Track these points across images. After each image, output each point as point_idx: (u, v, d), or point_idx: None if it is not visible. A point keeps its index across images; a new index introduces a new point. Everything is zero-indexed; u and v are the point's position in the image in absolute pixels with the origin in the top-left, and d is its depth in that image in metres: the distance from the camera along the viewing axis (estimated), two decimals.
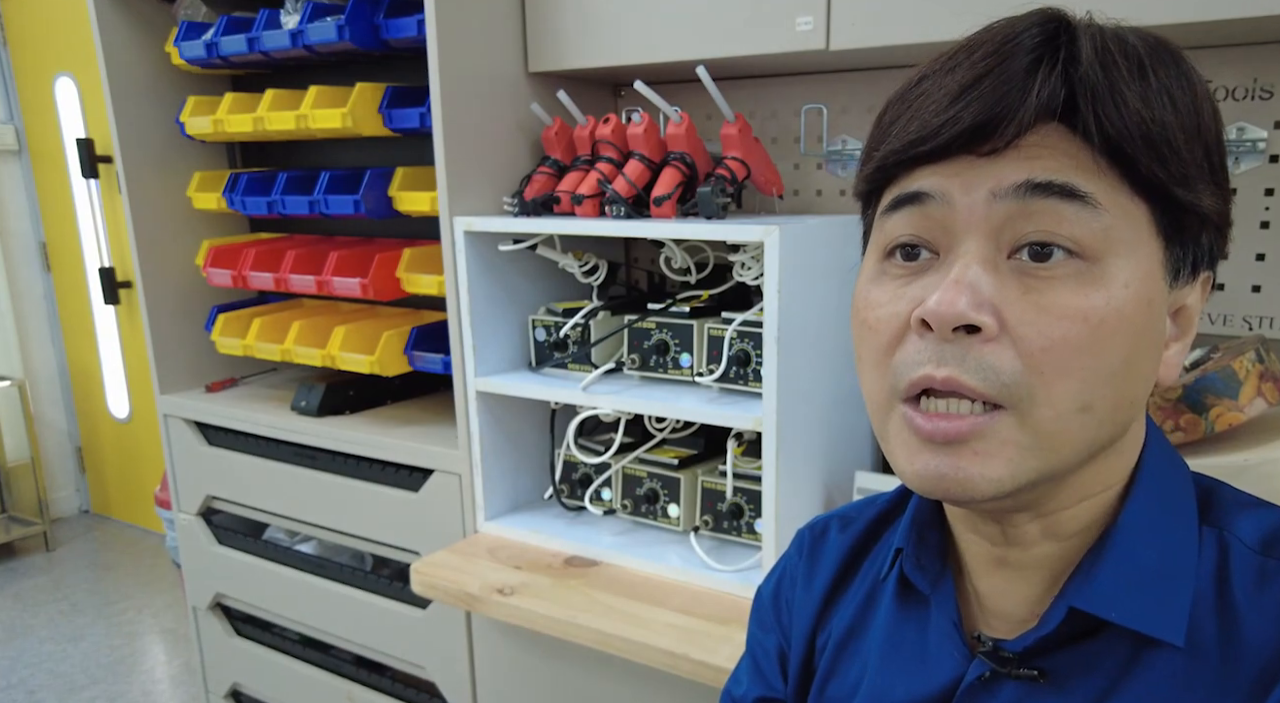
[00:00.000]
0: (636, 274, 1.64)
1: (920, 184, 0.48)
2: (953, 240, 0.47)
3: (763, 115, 1.49)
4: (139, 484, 3.65)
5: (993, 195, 0.46)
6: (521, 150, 1.45)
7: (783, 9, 1.19)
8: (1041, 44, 0.46)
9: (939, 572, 0.59)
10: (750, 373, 1.20)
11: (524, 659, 1.41)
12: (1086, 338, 0.45)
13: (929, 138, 0.46)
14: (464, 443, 1.43)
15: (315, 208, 1.54)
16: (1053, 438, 0.46)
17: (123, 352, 3.55)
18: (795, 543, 0.74)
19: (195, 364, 1.87)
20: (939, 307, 0.45)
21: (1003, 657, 0.54)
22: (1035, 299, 0.45)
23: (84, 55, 3.23)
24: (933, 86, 0.48)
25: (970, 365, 0.46)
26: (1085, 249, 0.45)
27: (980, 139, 0.45)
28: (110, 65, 1.67)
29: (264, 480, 1.72)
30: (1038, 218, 0.45)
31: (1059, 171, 0.45)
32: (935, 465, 0.47)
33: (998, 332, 0.45)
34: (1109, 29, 0.48)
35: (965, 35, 0.50)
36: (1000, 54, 0.46)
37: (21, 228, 3.62)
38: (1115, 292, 0.45)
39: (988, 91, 0.45)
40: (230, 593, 1.88)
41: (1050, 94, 0.45)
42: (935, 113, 0.46)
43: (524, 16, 1.41)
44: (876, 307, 0.50)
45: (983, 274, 0.46)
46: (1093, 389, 0.46)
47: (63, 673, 2.63)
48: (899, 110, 0.49)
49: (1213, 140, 0.48)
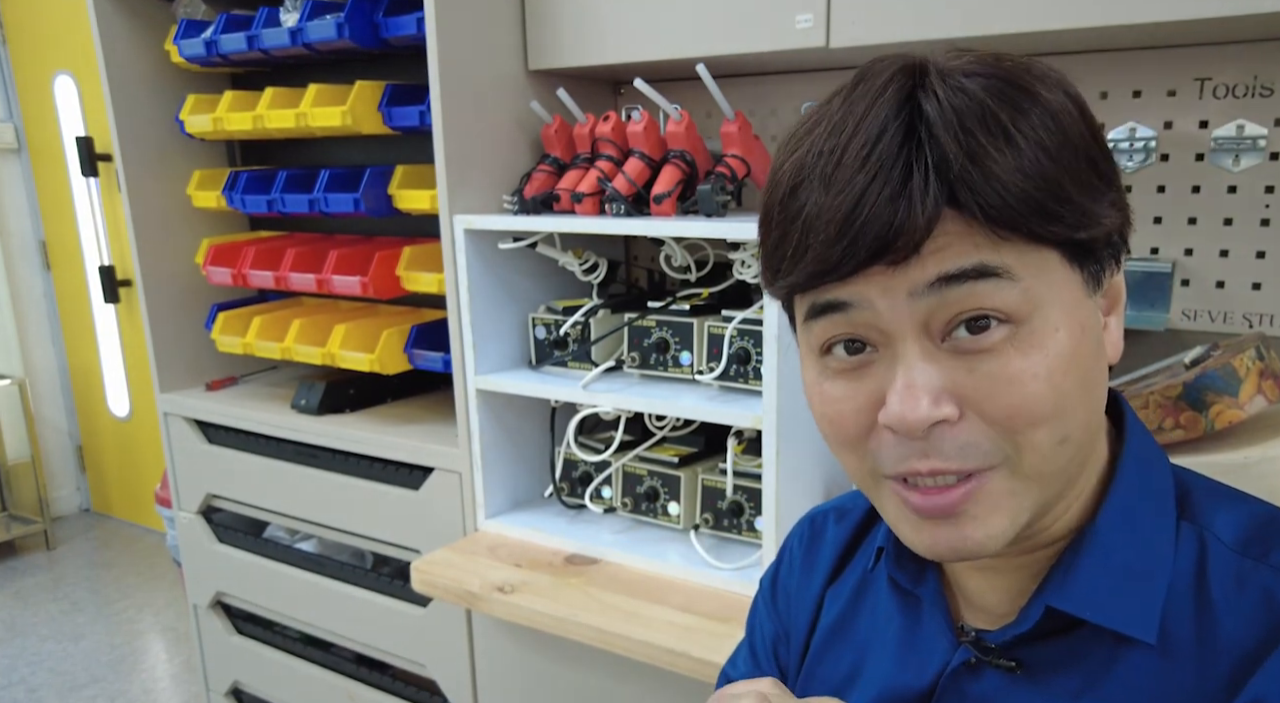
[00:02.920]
0: (636, 272, 1.64)
1: (836, 294, 0.48)
2: (886, 336, 0.48)
3: (763, 113, 1.48)
4: (139, 483, 3.65)
5: (911, 295, 0.46)
6: (521, 148, 1.44)
7: (783, 7, 1.18)
8: (905, 139, 0.45)
9: (920, 569, 0.61)
10: (750, 371, 1.20)
11: (524, 657, 1.42)
12: (1044, 390, 0.47)
13: (831, 270, 0.47)
14: (464, 441, 1.43)
15: (315, 206, 1.54)
16: (1040, 476, 0.49)
17: (123, 350, 3.55)
18: (796, 532, 0.75)
19: (195, 362, 1.86)
20: (903, 415, 0.47)
21: (985, 647, 0.56)
22: (984, 373, 0.47)
23: (83, 53, 3.23)
24: (813, 201, 0.47)
25: (949, 451, 0.48)
26: (1013, 314, 0.46)
27: (883, 258, 0.46)
28: (110, 63, 1.67)
29: (264, 479, 1.72)
30: (960, 301, 0.46)
31: (967, 256, 0.46)
32: (944, 539, 0.50)
33: (959, 415, 0.47)
34: (963, 85, 0.46)
35: (827, 109, 0.49)
36: (869, 165, 0.45)
37: (21, 226, 3.62)
38: (1051, 341, 0.47)
39: (873, 217, 0.45)
40: (231, 591, 1.88)
41: (934, 201, 0.45)
42: (827, 244, 0.46)
43: (523, 14, 1.40)
44: (835, 402, 0.51)
45: (927, 369, 0.47)
46: (1065, 424, 0.48)
47: (63, 671, 2.63)
48: (783, 229, 0.49)
49: (1094, 150, 0.48)
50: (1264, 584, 0.49)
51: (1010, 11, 1.06)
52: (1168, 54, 1.18)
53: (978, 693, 0.56)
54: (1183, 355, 1.06)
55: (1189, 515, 0.53)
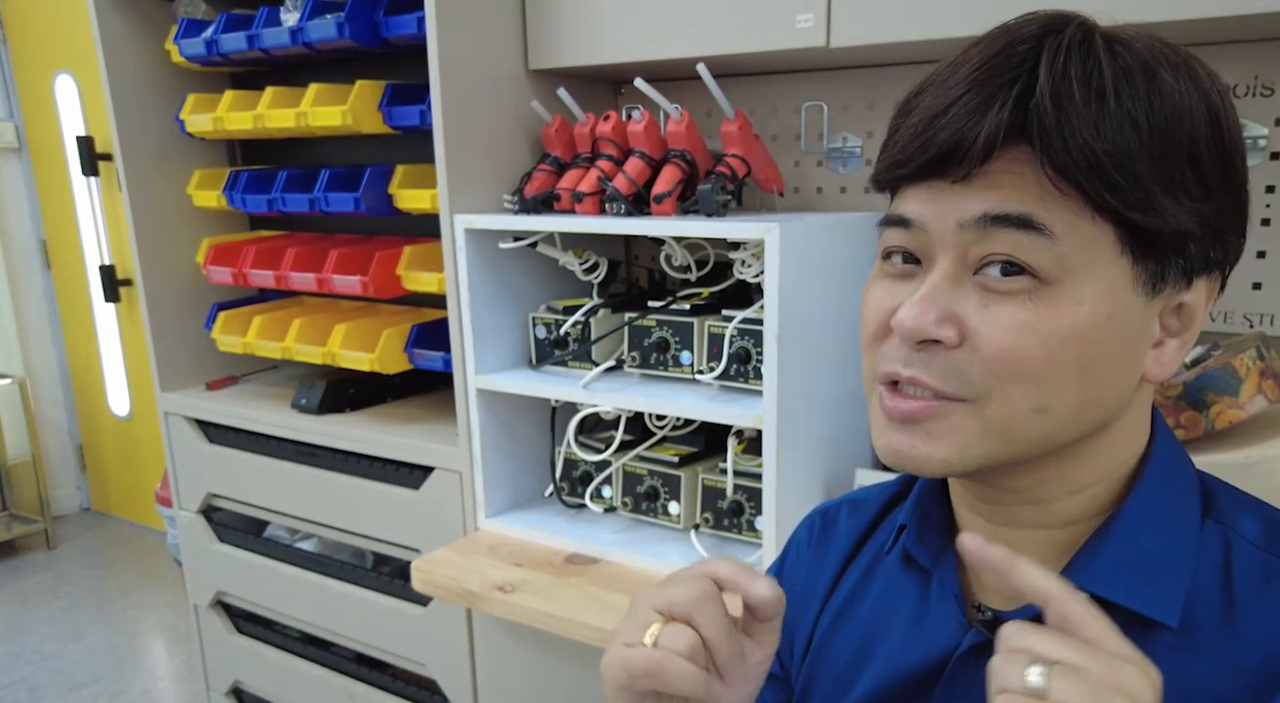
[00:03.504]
0: (637, 272, 1.64)
1: (904, 208, 0.52)
2: (930, 255, 0.52)
3: (763, 112, 1.48)
4: (140, 482, 3.66)
5: (959, 225, 0.49)
6: (522, 148, 1.44)
7: (783, 6, 1.18)
8: (1013, 68, 0.48)
9: (940, 547, 0.62)
10: (751, 370, 1.20)
11: (525, 657, 1.42)
12: (1038, 349, 0.48)
13: (904, 162, 0.51)
14: (464, 441, 1.43)
15: (315, 206, 1.54)
16: (1004, 431, 0.50)
17: (123, 349, 3.55)
18: (805, 526, 0.76)
19: (196, 362, 1.87)
20: (903, 320, 0.50)
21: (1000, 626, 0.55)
22: (992, 312, 0.49)
23: (84, 53, 3.23)
24: (922, 104, 0.50)
25: (934, 369, 0.51)
26: (1041, 272, 0.48)
27: (946, 167, 0.49)
28: (110, 63, 1.67)
29: (265, 478, 1.72)
30: (998, 243, 0.48)
31: (1018, 201, 0.48)
32: (895, 442, 0.53)
33: (959, 341, 0.50)
34: (1092, 45, 0.48)
35: (987, 30, 0.52)
36: (971, 81, 0.48)
37: (22, 226, 3.62)
38: (1066, 308, 0.48)
39: (951, 121, 0.48)
40: (231, 591, 1.88)
41: (1001, 127, 0.47)
42: (911, 137, 0.50)
43: (524, 14, 1.40)
44: (870, 302, 0.55)
45: (947, 289, 0.50)
46: (1048, 394, 0.49)
47: (64, 671, 2.63)
48: (899, 120, 0.53)
49: (1206, 157, 0.49)
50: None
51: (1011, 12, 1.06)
52: None
53: None
54: None
55: (1214, 514, 0.55)
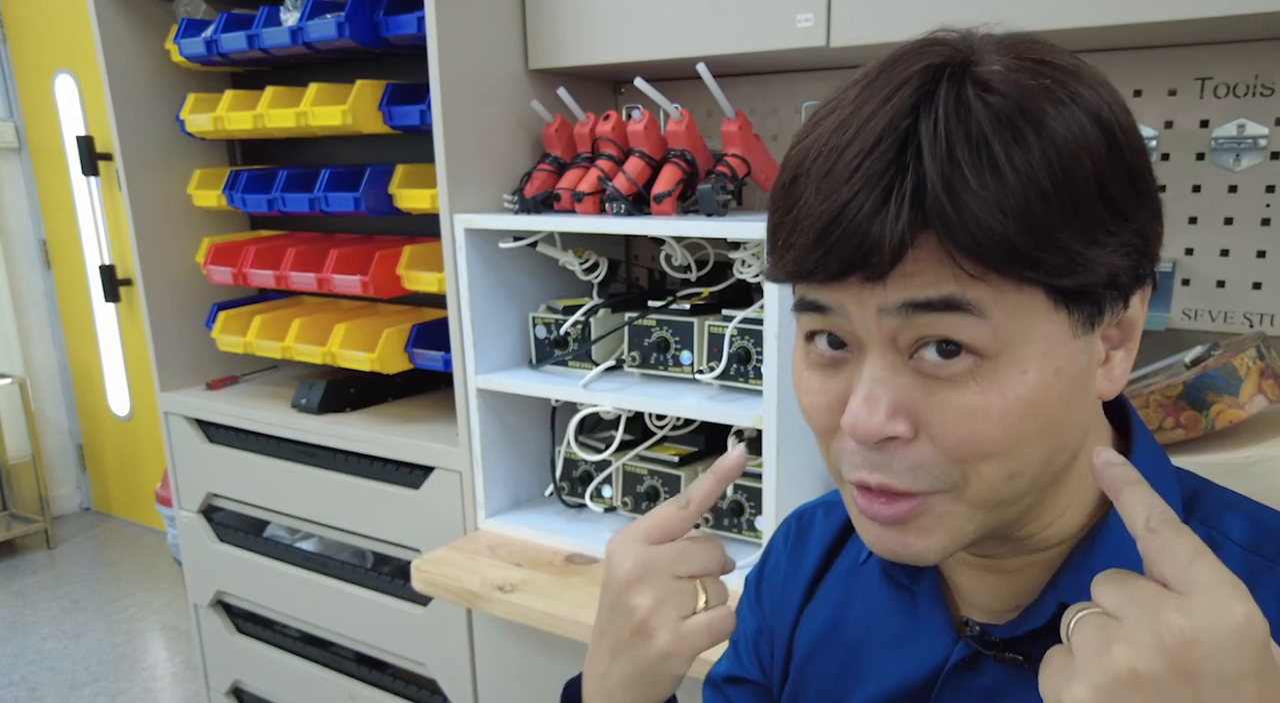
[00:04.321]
0: (637, 271, 1.64)
1: (817, 296, 0.49)
2: (856, 339, 0.49)
3: (763, 112, 1.48)
4: (140, 482, 3.66)
5: (880, 311, 0.46)
6: (522, 147, 1.44)
7: (783, 6, 1.18)
8: (895, 158, 0.44)
9: None
10: (751, 370, 1.20)
11: (525, 656, 1.42)
12: (995, 430, 0.46)
13: (805, 274, 0.48)
14: (464, 440, 1.43)
15: (315, 205, 1.54)
16: (988, 504, 0.49)
17: (123, 349, 3.55)
18: (782, 530, 0.75)
19: (196, 362, 1.87)
20: (855, 424, 0.48)
21: (989, 641, 0.56)
22: (941, 400, 0.47)
23: (84, 52, 3.23)
24: (806, 201, 0.47)
25: (898, 470, 0.49)
26: (979, 349, 0.46)
27: (851, 275, 0.46)
28: (110, 62, 1.67)
29: (265, 478, 1.72)
30: (926, 327, 0.46)
31: (938, 286, 0.45)
32: (886, 541, 0.51)
33: (913, 434, 0.48)
34: (969, 106, 0.44)
35: (852, 88, 0.49)
36: (856, 181, 0.45)
37: (22, 225, 3.62)
38: (1014, 380, 0.46)
39: (850, 231, 0.45)
40: (231, 590, 1.88)
41: (904, 229, 0.44)
42: (806, 249, 0.47)
43: (524, 13, 1.40)
44: (810, 394, 0.53)
45: (889, 380, 0.48)
46: (1015, 462, 0.48)
47: (64, 670, 2.63)
48: (781, 213, 0.49)
49: (1115, 186, 0.45)
50: (1278, 585, 0.50)
51: (1011, 12, 1.06)
52: (1168, 54, 1.18)
53: (981, 687, 0.56)
54: (1183, 355, 1.06)
55: (1199, 517, 0.54)
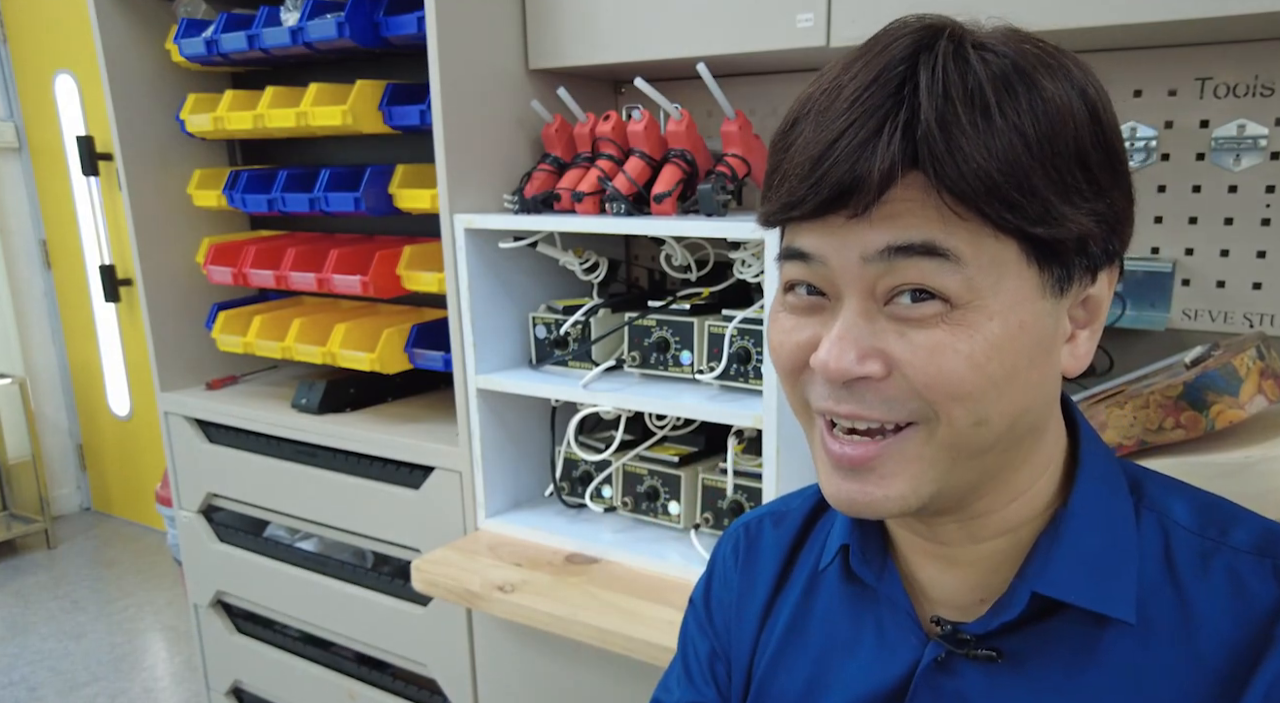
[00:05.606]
0: (637, 272, 1.64)
1: (802, 243, 0.51)
2: (835, 288, 0.51)
3: (763, 112, 1.48)
4: (140, 482, 3.66)
5: (862, 259, 0.48)
6: (522, 147, 1.45)
7: (783, 6, 1.19)
8: (893, 93, 0.47)
9: (882, 564, 0.61)
10: (751, 370, 1.20)
11: (525, 656, 1.42)
12: (964, 368, 0.48)
13: (796, 204, 0.49)
14: (465, 440, 1.43)
15: (316, 205, 1.54)
16: (954, 449, 0.50)
17: (123, 349, 3.55)
18: (729, 543, 0.73)
19: (196, 362, 1.87)
20: (826, 363, 0.49)
21: (960, 639, 0.56)
22: (911, 339, 0.49)
23: (84, 52, 3.23)
24: (803, 137, 0.49)
25: (870, 403, 0.50)
26: (950, 296, 0.48)
27: (841, 205, 0.47)
28: (110, 63, 1.67)
29: (265, 478, 1.72)
30: (904, 273, 0.48)
31: (918, 229, 0.47)
32: (846, 490, 0.52)
33: (885, 373, 0.49)
34: (966, 57, 0.47)
35: (853, 50, 0.50)
36: (854, 111, 0.47)
37: (22, 225, 3.62)
38: (980, 325, 0.48)
39: (841, 159, 0.46)
40: (231, 590, 1.88)
41: (894, 160, 0.46)
42: (799, 176, 0.48)
43: (524, 13, 1.40)
44: (780, 333, 0.54)
45: (862, 326, 0.49)
46: (984, 406, 0.49)
47: (64, 670, 2.63)
48: (778, 155, 0.51)
49: (1093, 156, 0.48)
50: (1228, 565, 0.52)
51: (1011, 12, 1.06)
52: (1168, 54, 1.18)
53: (955, 688, 0.56)
54: (1183, 355, 1.06)
55: (1146, 503, 0.56)
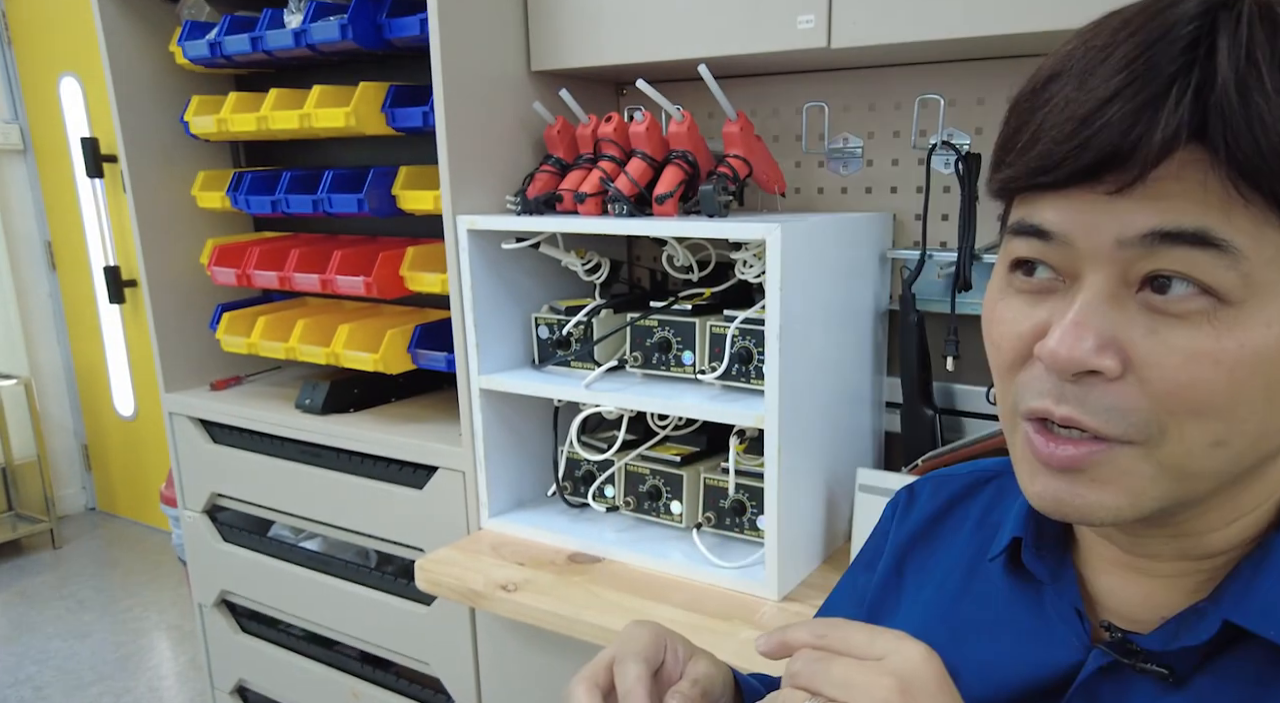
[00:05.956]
0: (639, 272, 1.64)
1: (1042, 218, 0.45)
2: (1077, 269, 0.44)
3: (764, 113, 1.49)
4: (144, 482, 3.67)
5: (1118, 242, 0.42)
6: (524, 149, 1.45)
7: (784, 7, 1.19)
8: (1182, 53, 0.40)
9: (1059, 560, 0.57)
10: (752, 370, 1.20)
11: (528, 655, 1.42)
12: (1221, 381, 0.41)
13: (1049, 169, 0.43)
14: (468, 440, 1.43)
15: (319, 207, 1.54)
16: (1181, 470, 0.44)
17: (128, 350, 3.56)
18: (890, 506, 0.73)
19: (200, 362, 1.87)
20: (1056, 351, 0.43)
21: (1130, 649, 0.51)
22: (1163, 338, 0.42)
23: (88, 55, 3.24)
24: (1062, 94, 0.43)
25: (1092, 406, 0.44)
26: (1221, 293, 0.41)
27: (1103, 175, 0.41)
28: (114, 65, 1.68)
29: (269, 478, 1.73)
30: (1168, 261, 0.41)
31: (1191, 215, 0.40)
32: (1053, 490, 0.46)
33: (1120, 372, 0.43)
34: (1275, 17, 0.40)
35: (1115, 10, 0.44)
36: (1135, 68, 0.40)
37: (27, 227, 3.63)
38: (1254, 333, 0.41)
39: (1114, 121, 0.40)
40: (235, 590, 1.89)
41: (1181, 128, 0.39)
42: (1058, 139, 0.42)
43: (526, 15, 1.41)
44: (1000, 323, 0.48)
45: (1106, 312, 0.43)
46: (1228, 427, 0.43)
47: (69, 670, 2.64)
48: (1025, 115, 0.45)
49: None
50: None
51: (1012, 11, 1.06)
52: None
53: (1116, 698, 0.52)
54: None
55: None
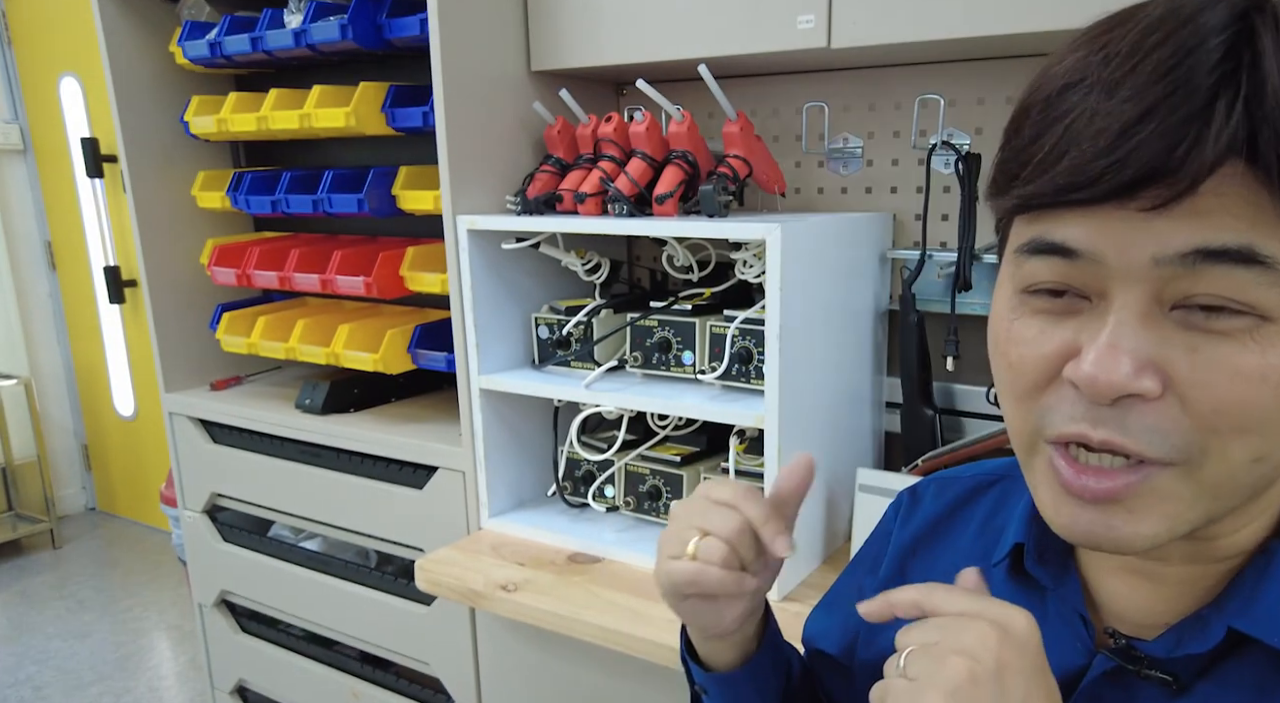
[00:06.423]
0: (639, 272, 1.64)
1: (1066, 235, 0.41)
2: (1104, 288, 0.41)
3: (764, 113, 1.49)
4: (144, 482, 3.67)
5: (1154, 261, 0.39)
6: (524, 149, 1.45)
7: (784, 7, 1.19)
8: (1221, 62, 0.37)
9: (1062, 566, 0.56)
10: (752, 370, 1.20)
11: (528, 655, 1.42)
12: (1268, 397, 0.39)
13: (1083, 185, 0.39)
14: (468, 440, 1.43)
15: (319, 207, 1.54)
16: (1219, 488, 0.42)
17: (128, 350, 3.56)
18: (893, 507, 0.72)
19: (200, 362, 1.87)
20: (1094, 376, 0.40)
21: (1134, 655, 0.50)
22: (1206, 357, 0.40)
23: (88, 55, 3.24)
24: (1087, 105, 0.39)
25: (1132, 428, 0.41)
26: (1264, 310, 0.39)
27: (1139, 192, 0.38)
28: (114, 65, 1.68)
29: (269, 478, 1.73)
30: (1208, 281, 0.39)
31: (1235, 231, 0.38)
32: (1084, 522, 0.44)
33: (1159, 393, 0.40)
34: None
35: (1127, 11, 0.41)
36: (1174, 77, 0.37)
37: (27, 227, 3.63)
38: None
39: (1155, 136, 0.37)
40: (235, 590, 1.89)
41: (1238, 143, 0.36)
42: (1093, 155, 0.38)
43: (526, 15, 1.41)
44: (1020, 344, 0.44)
45: (1140, 332, 0.40)
46: (1268, 442, 0.41)
47: (69, 670, 2.64)
48: (1042, 125, 0.41)
49: None
50: None
51: (1013, 11, 1.06)
52: None
53: (1121, 702, 0.51)
54: None
55: None
